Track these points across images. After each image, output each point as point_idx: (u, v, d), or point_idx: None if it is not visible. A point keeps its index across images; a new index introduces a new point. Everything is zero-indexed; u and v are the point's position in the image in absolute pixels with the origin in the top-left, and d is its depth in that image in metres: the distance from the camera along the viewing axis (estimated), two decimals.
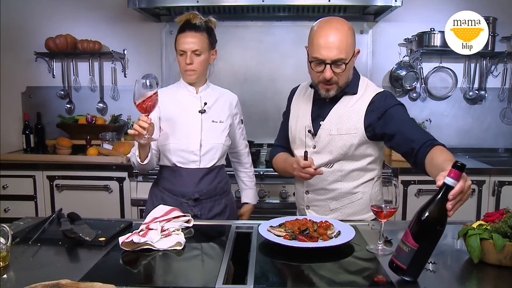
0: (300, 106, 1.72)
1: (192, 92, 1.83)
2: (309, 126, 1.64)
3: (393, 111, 1.53)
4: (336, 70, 1.50)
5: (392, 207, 1.27)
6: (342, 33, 1.48)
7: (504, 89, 3.20)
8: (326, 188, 1.63)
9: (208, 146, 1.78)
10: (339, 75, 1.52)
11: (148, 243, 1.26)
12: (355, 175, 1.62)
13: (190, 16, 1.76)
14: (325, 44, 1.47)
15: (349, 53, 1.49)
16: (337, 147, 1.58)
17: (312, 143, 1.63)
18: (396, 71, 3.17)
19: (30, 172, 2.76)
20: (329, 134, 1.59)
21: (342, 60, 1.48)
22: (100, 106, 3.34)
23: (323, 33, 1.48)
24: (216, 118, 1.82)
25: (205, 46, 1.75)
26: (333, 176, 1.62)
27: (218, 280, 1.07)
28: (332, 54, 1.47)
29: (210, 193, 1.80)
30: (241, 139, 2.00)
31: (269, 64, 3.22)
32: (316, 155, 1.62)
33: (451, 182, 1.04)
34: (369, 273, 1.17)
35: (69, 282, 0.98)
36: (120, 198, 2.73)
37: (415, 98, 3.23)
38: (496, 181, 2.63)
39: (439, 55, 3.14)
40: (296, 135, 1.70)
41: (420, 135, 1.46)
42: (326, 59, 1.48)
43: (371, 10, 3.02)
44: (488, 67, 3.16)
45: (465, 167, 1.04)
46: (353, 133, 1.56)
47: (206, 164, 1.79)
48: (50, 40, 3.13)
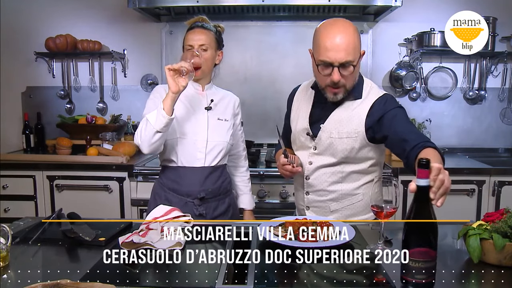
0: (300, 108, 1.71)
1: (198, 89, 1.83)
2: (307, 128, 1.63)
3: (391, 113, 1.52)
4: (344, 72, 1.48)
5: (392, 207, 1.27)
6: (348, 35, 1.45)
7: (504, 89, 3.20)
8: (326, 189, 1.63)
9: (213, 143, 1.78)
10: (347, 78, 1.50)
11: (148, 243, 1.26)
12: (355, 176, 1.62)
13: (199, 19, 1.81)
14: (332, 47, 1.44)
15: (356, 55, 1.47)
16: (338, 150, 1.57)
17: (312, 144, 1.63)
18: (396, 71, 3.17)
19: (30, 172, 2.76)
20: (330, 136, 1.58)
21: (350, 62, 1.46)
22: (100, 106, 3.34)
23: (330, 35, 1.46)
24: (222, 116, 1.83)
25: (212, 44, 1.77)
26: (333, 178, 1.61)
27: (218, 280, 1.07)
28: (340, 57, 1.44)
29: (215, 192, 1.80)
30: (240, 141, 2.00)
31: (269, 64, 3.22)
32: (317, 156, 1.62)
33: (423, 182, 1.03)
34: (369, 273, 1.16)
35: (69, 282, 0.98)
36: (120, 198, 2.73)
37: (415, 98, 3.23)
38: (496, 181, 2.63)
39: (439, 55, 3.14)
40: (296, 136, 1.70)
41: (414, 137, 1.44)
42: (334, 62, 1.45)
43: (371, 10, 3.02)
44: (488, 67, 3.16)
45: (429, 162, 1.02)
46: (354, 137, 1.56)
47: (211, 162, 1.78)
48: (50, 40, 3.13)
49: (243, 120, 2.02)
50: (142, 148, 1.66)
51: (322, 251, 1.21)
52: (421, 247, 1.02)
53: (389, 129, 1.50)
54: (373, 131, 1.55)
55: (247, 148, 2.95)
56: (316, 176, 1.63)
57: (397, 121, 1.51)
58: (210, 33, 1.78)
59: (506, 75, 3.18)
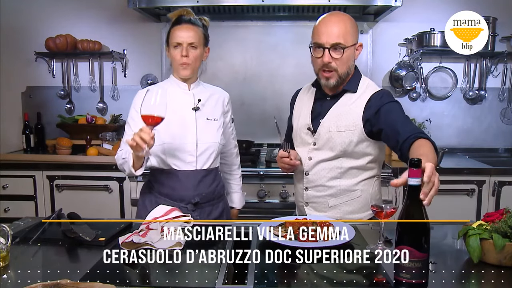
0: (302, 105, 1.74)
1: (184, 89, 1.75)
2: (309, 124, 1.66)
3: (387, 107, 1.56)
4: (334, 55, 1.54)
5: (392, 207, 1.27)
6: (341, 20, 1.56)
7: (504, 89, 3.20)
8: (325, 184, 1.65)
9: (204, 146, 1.71)
10: (338, 62, 1.56)
11: (148, 243, 1.26)
12: (353, 172, 1.63)
13: (184, 12, 1.71)
14: (325, 30, 1.55)
15: (347, 40, 1.54)
16: (336, 143, 1.60)
17: (312, 140, 1.65)
18: (396, 71, 3.17)
19: (30, 172, 2.76)
20: (329, 131, 1.61)
21: (340, 45, 1.53)
22: (100, 106, 3.34)
23: (324, 21, 1.57)
24: (211, 115, 1.75)
25: (201, 40, 1.69)
26: (332, 173, 1.64)
27: (218, 280, 1.07)
28: (331, 39, 1.53)
29: (209, 197, 1.75)
30: (231, 138, 1.93)
31: (269, 64, 3.22)
32: (316, 152, 1.64)
33: (414, 181, 1.04)
34: (369, 273, 1.16)
35: (69, 282, 0.98)
36: (120, 198, 2.73)
37: (415, 98, 3.23)
38: (496, 181, 2.63)
39: (439, 55, 3.14)
40: (297, 133, 1.73)
41: (407, 128, 1.47)
42: (324, 43, 1.54)
43: (371, 10, 3.02)
44: (488, 67, 3.16)
45: (420, 161, 1.03)
46: (352, 130, 1.59)
47: (203, 165, 1.72)
48: (50, 40, 3.13)
49: (243, 119, 2.02)
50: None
51: (322, 251, 1.21)
52: (411, 246, 1.03)
53: (385, 122, 1.54)
54: (371, 124, 1.58)
55: (247, 148, 2.97)
56: (315, 172, 1.65)
57: (392, 114, 1.55)
58: (198, 29, 1.69)
59: (506, 75, 3.18)
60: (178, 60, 1.68)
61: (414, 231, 1.04)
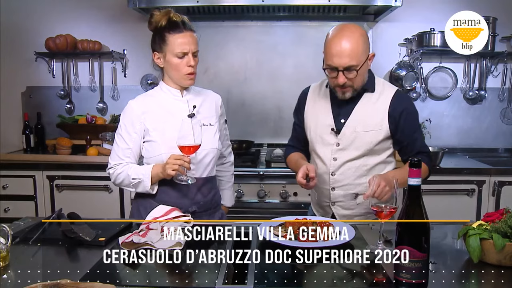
0: (319, 105, 1.75)
1: (177, 96, 1.68)
2: (332, 124, 1.69)
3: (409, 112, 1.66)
4: (348, 76, 1.57)
5: (392, 207, 1.27)
6: (353, 41, 1.54)
7: (504, 89, 3.19)
8: (352, 183, 1.69)
9: (203, 152, 1.64)
10: (353, 80, 1.59)
11: (148, 243, 1.26)
12: (378, 168, 1.69)
13: (171, 14, 1.62)
14: (337, 53, 1.54)
15: (360, 60, 1.56)
16: (363, 143, 1.65)
17: (335, 140, 1.68)
18: (396, 71, 3.17)
19: (30, 172, 2.76)
20: (355, 131, 1.65)
21: (353, 67, 1.56)
22: (100, 106, 3.34)
23: (335, 41, 1.56)
24: (206, 121, 1.68)
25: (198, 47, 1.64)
26: (358, 172, 1.68)
27: (218, 280, 1.07)
28: (343, 62, 1.54)
29: (206, 206, 1.70)
30: (226, 139, 1.87)
31: (269, 64, 3.22)
32: (341, 152, 1.68)
33: (414, 181, 1.05)
34: (369, 273, 1.17)
35: (69, 282, 0.98)
36: (120, 198, 2.73)
37: (415, 98, 3.23)
38: (496, 181, 2.63)
39: (439, 55, 3.14)
40: (317, 134, 1.73)
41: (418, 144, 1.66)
42: (338, 67, 1.56)
43: (371, 10, 3.01)
44: (488, 67, 3.16)
45: (420, 162, 1.05)
46: (378, 129, 1.65)
47: (202, 173, 1.67)
48: (50, 40, 3.12)
49: (243, 120, 2.02)
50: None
51: (322, 251, 1.21)
52: (411, 246, 1.03)
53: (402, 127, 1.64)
54: (391, 122, 1.65)
55: (247, 148, 2.97)
56: (341, 172, 1.69)
57: (409, 123, 1.65)
58: (195, 35, 1.63)
59: (506, 75, 3.18)
60: (185, 71, 1.60)
61: (414, 231, 1.04)
